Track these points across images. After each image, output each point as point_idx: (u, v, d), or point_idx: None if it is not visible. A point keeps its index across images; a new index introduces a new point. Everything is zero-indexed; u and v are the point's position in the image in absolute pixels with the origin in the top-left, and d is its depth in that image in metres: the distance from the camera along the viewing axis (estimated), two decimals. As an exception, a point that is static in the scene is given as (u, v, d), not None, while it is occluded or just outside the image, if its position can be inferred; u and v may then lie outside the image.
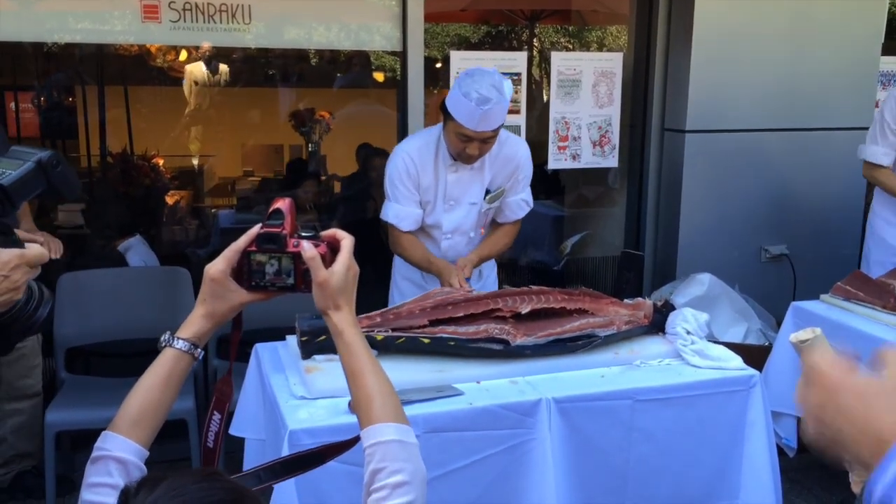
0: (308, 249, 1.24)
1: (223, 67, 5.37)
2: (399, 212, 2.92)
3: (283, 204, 1.26)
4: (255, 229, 1.26)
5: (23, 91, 5.11)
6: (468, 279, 2.83)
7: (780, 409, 3.05)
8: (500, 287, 3.13)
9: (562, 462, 2.21)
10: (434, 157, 2.88)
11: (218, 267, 1.26)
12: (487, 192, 2.96)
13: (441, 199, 2.93)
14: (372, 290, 4.41)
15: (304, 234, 1.27)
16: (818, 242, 4.23)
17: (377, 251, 4.52)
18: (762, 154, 4.10)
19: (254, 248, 1.25)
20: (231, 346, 1.41)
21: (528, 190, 3.08)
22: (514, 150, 2.96)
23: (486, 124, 2.66)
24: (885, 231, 3.55)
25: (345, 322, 1.28)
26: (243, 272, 1.26)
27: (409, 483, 1.18)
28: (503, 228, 3.09)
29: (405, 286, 3.09)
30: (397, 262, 3.16)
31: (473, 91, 2.60)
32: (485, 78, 2.64)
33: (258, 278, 1.26)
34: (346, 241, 1.30)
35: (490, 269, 3.22)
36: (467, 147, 2.73)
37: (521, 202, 3.05)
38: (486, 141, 2.74)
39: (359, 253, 1.31)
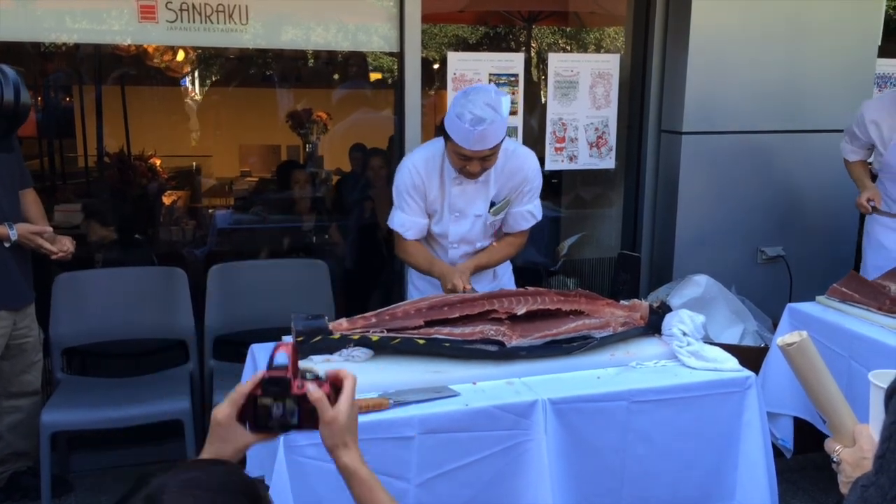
0: (314, 391, 1.27)
1: (220, 67, 5.36)
2: (404, 221, 2.94)
3: (285, 349, 1.29)
4: (261, 374, 1.28)
5: (20, 90, 5.09)
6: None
7: (776, 410, 3.06)
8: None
9: (558, 463, 2.21)
10: (440, 169, 2.90)
11: (224, 411, 1.28)
12: (492, 204, 2.96)
13: (447, 209, 2.95)
14: (371, 291, 4.43)
15: (307, 376, 1.30)
16: (814, 244, 4.24)
17: (376, 253, 4.53)
18: (759, 156, 4.11)
19: (259, 393, 1.27)
20: None
21: (537, 202, 3.06)
22: (521, 163, 2.95)
23: (482, 144, 2.66)
24: (884, 235, 3.57)
25: (357, 461, 1.31)
26: (248, 415, 1.28)
27: None
28: (506, 239, 3.09)
29: (422, 284, 3.10)
30: None
31: (467, 112, 2.61)
32: (479, 97, 2.64)
33: (264, 421, 1.28)
34: (349, 380, 1.33)
35: (504, 270, 3.21)
36: (467, 165, 2.76)
37: (526, 213, 3.04)
38: (485, 159, 2.75)
39: (359, 253, 1.31)
